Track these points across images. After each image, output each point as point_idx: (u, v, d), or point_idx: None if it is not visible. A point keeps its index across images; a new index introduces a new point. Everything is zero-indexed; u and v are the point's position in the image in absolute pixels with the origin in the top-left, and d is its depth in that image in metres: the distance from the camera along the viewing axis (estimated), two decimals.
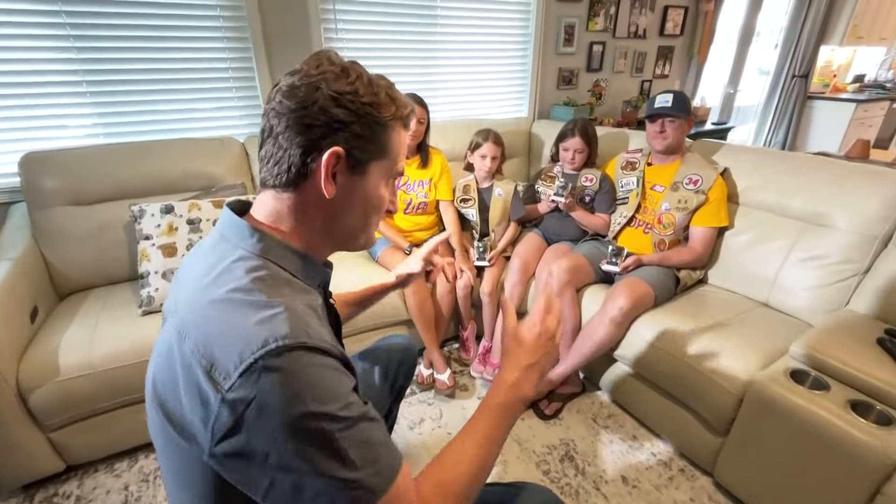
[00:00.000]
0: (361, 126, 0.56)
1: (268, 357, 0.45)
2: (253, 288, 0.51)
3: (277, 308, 0.49)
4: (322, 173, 0.55)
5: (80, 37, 1.69)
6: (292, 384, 0.45)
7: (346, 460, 0.47)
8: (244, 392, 0.44)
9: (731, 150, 1.80)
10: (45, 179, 1.57)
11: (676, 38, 3.43)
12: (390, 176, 0.63)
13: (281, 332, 0.46)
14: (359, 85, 0.56)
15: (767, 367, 1.25)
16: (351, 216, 0.61)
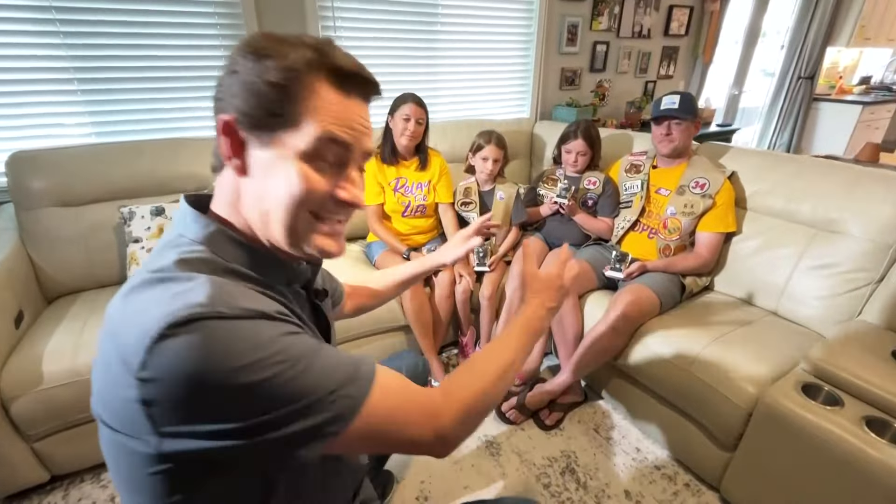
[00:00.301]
0: (253, 87, 0.47)
1: (174, 327, 0.40)
2: (175, 268, 0.47)
3: (195, 280, 0.45)
4: (223, 148, 0.50)
5: (71, 33, 1.64)
6: (209, 347, 0.40)
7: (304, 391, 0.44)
8: (155, 372, 0.40)
9: (739, 153, 1.75)
10: (32, 179, 1.52)
11: (681, 39, 3.38)
12: (314, 153, 0.49)
13: (194, 300, 0.42)
14: (261, 43, 0.48)
15: (778, 381, 1.20)
16: (266, 202, 0.50)
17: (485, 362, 0.61)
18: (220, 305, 0.42)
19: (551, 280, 0.76)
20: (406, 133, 1.70)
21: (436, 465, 1.43)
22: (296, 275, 0.60)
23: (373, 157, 1.80)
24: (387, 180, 1.80)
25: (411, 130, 1.69)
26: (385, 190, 1.80)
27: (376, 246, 1.86)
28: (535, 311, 0.73)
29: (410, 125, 1.69)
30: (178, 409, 0.41)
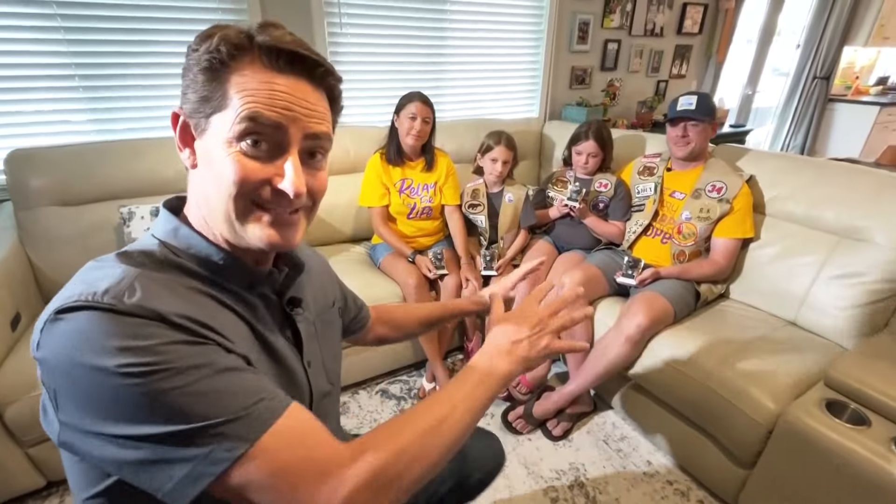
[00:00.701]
0: (187, 78, 0.47)
1: (64, 311, 0.40)
2: (112, 257, 0.47)
3: (112, 270, 0.44)
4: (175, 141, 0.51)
5: (73, 29, 1.61)
6: (85, 334, 0.39)
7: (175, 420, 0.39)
8: (42, 352, 0.41)
9: (757, 155, 1.69)
10: (31, 178, 1.49)
11: (695, 37, 3.30)
12: (242, 135, 0.45)
13: (94, 288, 0.41)
14: (204, 31, 0.47)
15: (800, 397, 1.14)
16: (207, 192, 0.49)
17: (415, 415, 0.49)
18: (116, 298, 0.41)
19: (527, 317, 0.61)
20: (412, 132, 1.65)
21: None
22: (258, 278, 0.54)
23: (377, 156, 1.76)
24: (392, 181, 1.75)
25: (417, 130, 1.65)
26: (390, 191, 1.75)
27: (381, 248, 1.81)
28: (491, 360, 0.57)
29: (416, 124, 1.64)
30: (58, 395, 0.41)
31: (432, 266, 1.67)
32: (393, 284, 1.68)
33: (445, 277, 1.68)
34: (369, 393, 1.74)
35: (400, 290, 1.66)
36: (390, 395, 1.74)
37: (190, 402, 0.40)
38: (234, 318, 0.49)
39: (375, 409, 1.67)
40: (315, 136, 0.49)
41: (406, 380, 1.82)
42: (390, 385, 1.79)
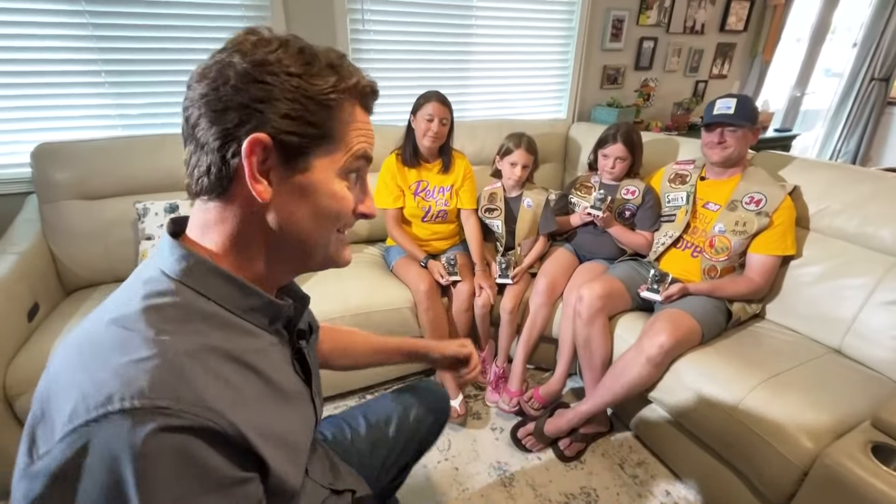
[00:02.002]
0: (290, 105, 0.43)
1: (103, 420, 0.32)
2: (139, 318, 0.39)
3: (151, 349, 0.36)
4: (246, 170, 0.42)
5: (101, 25, 1.63)
6: (121, 470, 0.32)
7: None
8: (52, 464, 0.32)
9: (804, 164, 1.55)
10: (55, 172, 1.53)
11: (739, 35, 3.11)
12: (347, 168, 0.48)
13: (134, 387, 0.34)
14: (282, 53, 0.43)
15: (842, 437, 1.03)
16: (297, 225, 0.47)
17: None
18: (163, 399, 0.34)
19: None
20: (429, 134, 1.59)
21: (445, 495, 1.34)
22: (279, 313, 0.52)
23: (393, 157, 1.71)
24: (407, 183, 1.70)
25: (434, 131, 1.59)
26: (405, 193, 1.71)
27: (394, 251, 1.77)
28: None
29: (434, 125, 1.58)
30: None
31: (445, 272, 1.61)
32: (404, 289, 1.63)
33: (458, 284, 1.62)
34: None
35: (411, 295, 1.61)
36: None
37: None
38: (258, 380, 0.46)
39: None
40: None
41: None
42: None
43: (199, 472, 0.35)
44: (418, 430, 0.94)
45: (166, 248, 0.45)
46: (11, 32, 1.53)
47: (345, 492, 0.69)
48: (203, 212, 0.46)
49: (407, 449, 0.92)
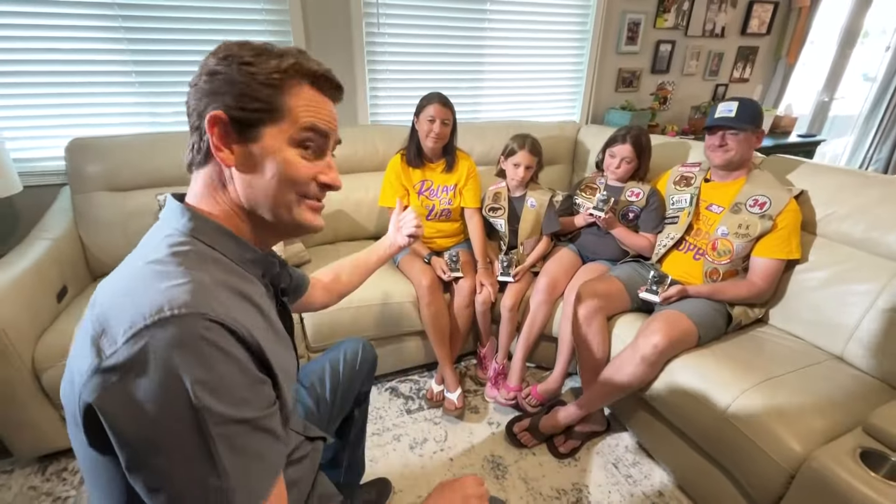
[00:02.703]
0: (241, 86, 0.53)
1: (157, 325, 0.41)
2: (170, 260, 0.48)
3: (185, 278, 0.46)
4: (210, 141, 0.53)
5: (132, 28, 1.75)
6: (177, 359, 0.41)
7: (216, 463, 0.42)
8: (122, 358, 0.41)
9: (813, 169, 1.53)
10: (87, 164, 1.64)
11: (762, 38, 3.05)
12: (299, 140, 0.56)
13: (179, 300, 0.43)
14: (241, 49, 0.54)
15: (831, 441, 1.02)
16: (261, 188, 0.56)
17: None
18: (203, 307, 0.43)
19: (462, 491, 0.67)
20: (431, 135, 1.64)
21: (437, 480, 1.37)
22: (270, 267, 0.64)
23: (398, 157, 1.76)
24: (411, 183, 1.75)
25: (436, 132, 1.63)
26: (409, 193, 1.76)
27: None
28: None
29: (435, 126, 1.63)
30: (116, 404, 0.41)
31: (447, 268, 1.65)
32: (408, 284, 1.68)
33: (460, 280, 1.66)
34: (379, 390, 1.76)
35: (414, 290, 1.65)
36: (399, 393, 1.75)
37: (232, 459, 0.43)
38: (255, 311, 0.54)
39: (383, 405, 1.68)
40: (338, 142, 0.62)
41: (416, 380, 1.82)
42: (400, 384, 1.80)
43: (232, 361, 0.44)
44: (352, 382, 1.05)
45: (177, 212, 0.55)
46: (49, 35, 1.66)
47: (316, 439, 0.77)
48: (195, 182, 0.58)
49: (345, 399, 1.04)
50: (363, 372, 1.08)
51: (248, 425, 0.45)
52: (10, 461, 1.41)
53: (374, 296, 1.62)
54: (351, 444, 1.13)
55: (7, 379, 1.22)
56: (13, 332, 1.20)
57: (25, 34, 1.63)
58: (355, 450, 1.16)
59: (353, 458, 1.16)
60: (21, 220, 1.82)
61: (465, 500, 0.66)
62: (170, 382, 0.40)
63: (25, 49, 1.65)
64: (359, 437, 1.17)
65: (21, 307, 1.26)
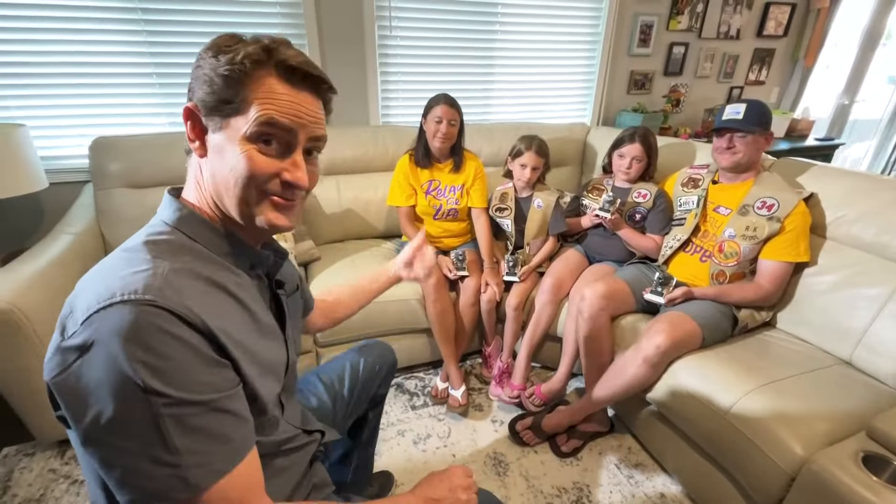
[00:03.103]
0: (206, 79, 0.53)
1: (110, 308, 0.43)
2: (140, 248, 0.51)
3: (146, 266, 0.48)
4: (186, 133, 0.56)
5: (153, 32, 1.82)
6: (121, 343, 0.42)
7: (167, 442, 0.44)
8: (76, 341, 0.43)
9: (824, 171, 1.51)
10: (108, 162, 1.71)
11: (778, 40, 3.01)
12: (256, 134, 0.53)
13: (131, 287, 0.45)
14: (220, 41, 0.54)
15: (834, 444, 1.01)
16: (223, 181, 0.55)
17: None
18: (152, 293, 0.45)
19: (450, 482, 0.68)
20: (438, 135, 1.67)
21: None
22: (259, 260, 0.64)
23: (406, 157, 1.79)
24: (419, 182, 1.78)
25: (443, 132, 1.66)
26: (417, 192, 1.78)
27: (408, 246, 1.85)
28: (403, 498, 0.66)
29: (443, 127, 1.65)
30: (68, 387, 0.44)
31: (453, 267, 1.68)
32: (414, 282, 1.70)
33: (466, 279, 1.68)
34: None
35: (420, 287, 1.68)
36: (405, 389, 1.77)
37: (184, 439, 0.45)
38: (236, 305, 0.56)
39: (389, 401, 1.71)
40: (316, 139, 0.59)
41: (422, 377, 1.84)
42: (406, 380, 1.82)
43: (181, 345, 0.45)
44: (370, 383, 1.06)
45: (167, 204, 0.58)
46: (75, 38, 1.73)
47: (314, 432, 0.78)
48: (188, 172, 0.60)
49: (361, 400, 1.05)
50: (382, 374, 1.09)
51: (203, 406, 0.46)
52: (31, 445, 1.48)
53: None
54: (363, 445, 1.14)
55: (29, 366, 1.28)
56: (38, 321, 1.26)
57: (52, 38, 1.71)
58: (366, 450, 1.16)
59: (362, 459, 1.17)
60: (46, 215, 1.90)
61: (452, 490, 0.67)
62: (115, 365, 0.42)
63: (52, 52, 1.72)
64: (371, 438, 1.17)
65: (44, 297, 1.32)
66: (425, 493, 0.67)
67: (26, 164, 1.58)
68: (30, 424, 1.37)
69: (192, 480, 0.45)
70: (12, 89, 1.73)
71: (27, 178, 1.59)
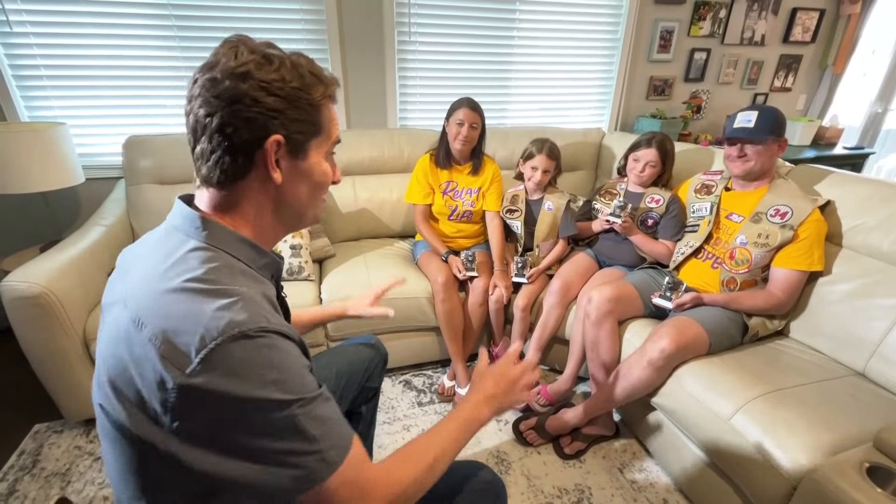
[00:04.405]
0: (295, 110, 0.56)
1: (228, 342, 0.47)
2: (208, 277, 0.52)
3: (234, 297, 0.51)
4: (267, 162, 0.56)
5: (184, 38, 1.92)
6: (252, 367, 0.48)
7: (307, 434, 0.51)
8: (205, 377, 0.46)
9: (842, 179, 1.48)
10: (140, 160, 1.81)
11: (806, 46, 2.94)
12: (329, 151, 0.64)
13: (239, 318, 0.49)
14: (283, 71, 0.55)
15: (838, 454, 0.99)
16: (298, 198, 0.62)
17: (418, 451, 0.64)
18: (261, 321, 0.50)
19: (494, 368, 0.78)
20: (459, 137, 1.70)
21: None
22: (278, 268, 0.68)
23: (427, 156, 1.84)
24: (437, 182, 1.82)
25: (465, 135, 1.70)
26: (434, 192, 1.83)
27: (421, 245, 1.89)
28: (476, 407, 0.73)
29: (464, 130, 1.69)
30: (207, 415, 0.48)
31: (463, 267, 1.71)
32: (425, 281, 1.74)
33: (475, 280, 1.71)
34: (393, 381, 1.82)
35: (430, 286, 1.71)
36: (412, 386, 1.80)
37: (316, 427, 0.52)
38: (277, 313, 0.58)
39: (396, 396, 1.75)
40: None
41: (430, 374, 1.87)
42: (414, 377, 1.85)
43: (292, 357, 0.53)
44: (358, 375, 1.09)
45: (194, 221, 0.56)
46: (111, 43, 1.85)
47: None
48: (222, 193, 0.58)
49: (350, 389, 1.08)
50: (372, 368, 1.12)
51: (319, 399, 0.53)
52: (60, 422, 1.57)
53: (392, 290, 1.68)
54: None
55: (62, 348, 1.37)
56: (69, 304, 1.35)
57: (92, 42, 1.83)
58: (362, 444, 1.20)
59: None
60: (82, 208, 2.03)
61: (511, 385, 0.77)
62: (251, 388, 0.47)
63: (92, 55, 1.84)
64: (366, 432, 1.19)
65: (76, 283, 1.41)
66: (486, 389, 0.76)
67: (66, 160, 1.69)
68: (59, 403, 1.46)
69: (330, 460, 0.52)
70: (56, 90, 1.86)
71: (66, 173, 1.70)
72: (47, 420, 1.58)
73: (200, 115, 0.54)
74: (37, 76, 1.82)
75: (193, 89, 0.55)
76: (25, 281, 1.27)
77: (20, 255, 1.78)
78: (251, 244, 0.60)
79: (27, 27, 1.75)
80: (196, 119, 0.55)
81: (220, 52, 0.55)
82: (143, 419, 0.49)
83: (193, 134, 0.56)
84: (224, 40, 0.57)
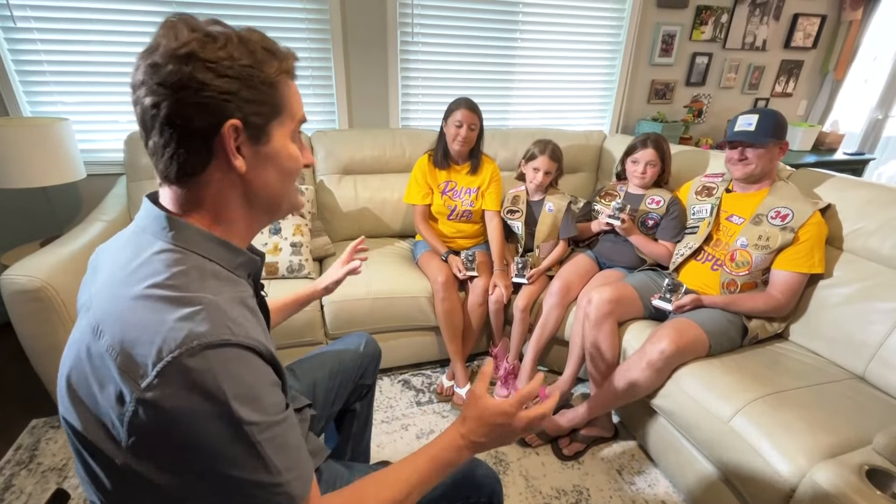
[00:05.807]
0: (249, 90, 0.50)
1: (186, 356, 0.43)
2: (173, 283, 0.48)
3: (197, 305, 0.46)
4: (227, 151, 0.50)
5: None
6: (211, 384, 0.43)
7: (269, 465, 0.47)
8: (161, 392, 0.43)
9: (843, 183, 1.49)
10: (142, 156, 1.81)
11: (807, 52, 2.95)
12: (295, 131, 0.58)
13: (200, 329, 0.44)
14: (231, 48, 0.49)
15: (838, 457, 0.99)
16: (268, 186, 0.56)
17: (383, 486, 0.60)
18: (224, 333, 0.46)
19: (492, 415, 0.64)
20: (458, 138, 1.71)
21: None
22: (255, 267, 0.62)
23: (425, 157, 1.84)
24: (436, 182, 1.82)
25: (463, 136, 1.70)
26: (433, 192, 1.83)
27: (421, 245, 1.89)
28: (453, 441, 0.64)
29: (462, 131, 1.69)
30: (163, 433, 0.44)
31: (463, 267, 1.70)
32: (425, 280, 1.74)
33: (475, 279, 1.71)
34: (392, 380, 1.82)
35: (430, 286, 1.71)
36: (411, 385, 1.80)
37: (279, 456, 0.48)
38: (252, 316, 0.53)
39: (395, 396, 1.74)
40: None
41: (429, 374, 1.87)
42: (413, 377, 1.85)
43: (258, 374, 0.48)
44: (353, 373, 1.08)
45: (161, 221, 0.52)
46: (115, 40, 1.85)
47: (303, 408, 0.82)
48: (184, 189, 0.52)
49: (344, 388, 1.07)
50: (365, 365, 1.11)
51: (285, 423, 0.49)
52: (58, 418, 1.56)
53: (391, 289, 1.69)
54: (354, 437, 1.15)
55: (61, 342, 1.36)
56: (68, 299, 1.35)
57: (96, 38, 1.83)
58: (359, 442, 1.18)
59: (357, 451, 1.18)
60: (83, 203, 2.03)
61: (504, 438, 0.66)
62: (209, 406, 0.43)
63: (95, 52, 1.85)
64: (362, 430, 1.18)
65: (76, 278, 1.40)
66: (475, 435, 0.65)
67: (68, 155, 1.69)
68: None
69: (295, 493, 0.49)
70: (59, 86, 1.86)
71: (68, 168, 1.70)
72: (45, 415, 1.57)
73: (147, 105, 0.48)
74: (40, 72, 1.83)
75: (136, 76, 0.49)
76: (25, 275, 1.27)
77: (20, 250, 1.78)
78: (223, 243, 0.55)
79: (31, 23, 1.76)
80: (143, 110, 0.49)
81: (159, 34, 0.49)
82: (101, 433, 0.46)
83: (143, 127, 0.51)
84: (164, 20, 0.50)
